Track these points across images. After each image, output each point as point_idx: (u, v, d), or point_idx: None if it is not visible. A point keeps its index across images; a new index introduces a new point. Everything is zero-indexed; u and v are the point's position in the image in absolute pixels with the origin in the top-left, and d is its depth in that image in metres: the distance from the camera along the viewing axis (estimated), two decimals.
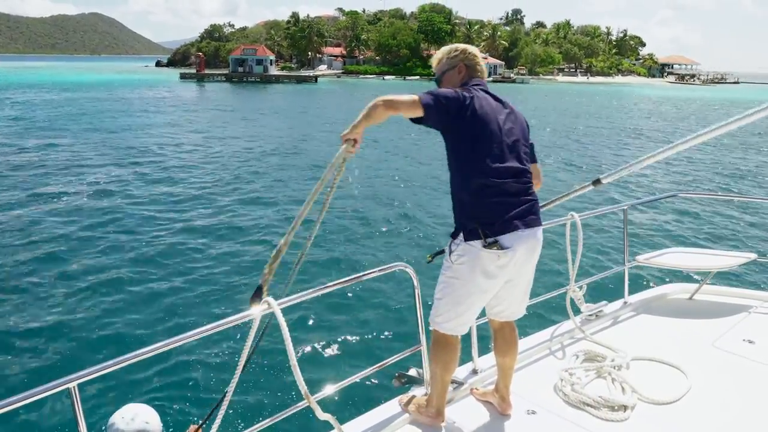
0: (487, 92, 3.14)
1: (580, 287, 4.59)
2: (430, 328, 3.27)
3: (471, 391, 3.72)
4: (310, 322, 8.50)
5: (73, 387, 2.18)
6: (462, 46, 3.35)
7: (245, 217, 14.73)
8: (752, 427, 3.43)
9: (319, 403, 2.85)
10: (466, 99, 2.99)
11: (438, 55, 3.37)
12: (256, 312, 2.74)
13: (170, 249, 12.03)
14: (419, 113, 2.92)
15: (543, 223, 3.67)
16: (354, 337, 8.23)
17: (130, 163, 21.95)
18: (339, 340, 8.13)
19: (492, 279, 3.03)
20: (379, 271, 3.38)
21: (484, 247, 2.93)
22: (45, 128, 31.56)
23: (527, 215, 3.01)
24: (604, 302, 5.00)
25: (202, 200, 16.51)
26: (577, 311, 4.63)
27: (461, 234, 3.01)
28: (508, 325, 3.44)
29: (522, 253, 3.01)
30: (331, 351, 7.81)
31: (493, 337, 3.51)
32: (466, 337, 3.87)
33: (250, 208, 15.69)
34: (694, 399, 3.65)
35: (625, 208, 5.23)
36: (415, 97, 2.93)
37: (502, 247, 2.93)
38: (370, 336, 8.31)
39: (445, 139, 3.09)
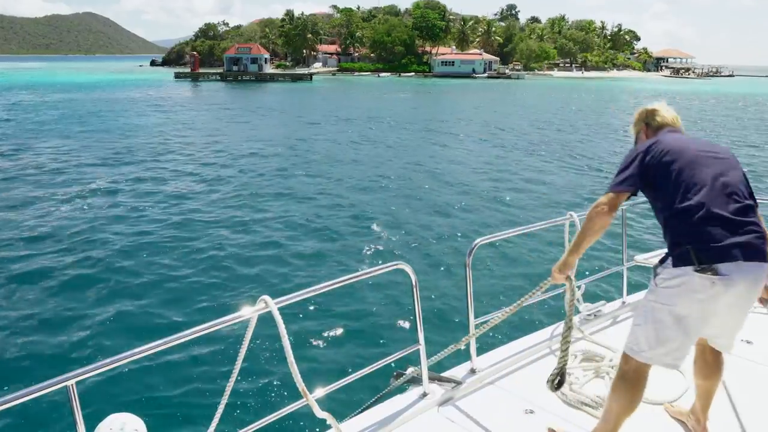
0: (677, 131, 3.15)
1: (579, 287, 4.57)
2: (633, 356, 2.94)
3: (664, 406, 3.58)
4: (309, 321, 8.49)
5: (71, 385, 2.18)
6: (640, 109, 3.38)
7: (242, 216, 14.71)
8: (750, 426, 3.43)
9: (317, 401, 2.86)
10: (644, 153, 2.99)
11: (631, 126, 3.45)
12: (252, 312, 2.74)
13: (168, 248, 12.02)
14: (623, 197, 3.01)
15: (541, 222, 3.61)
16: (352, 336, 8.22)
17: (124, 164, 21.92)
18: (337, 339, 8.13)
19: (702, 305, 2.74)
20: (378, 270, 3.37)
21: (696, 271, 2.68)
22: (38, 129, 31.46)
23: (751, 246, 2.71)
24: (603, 302, 4.99)
25: (198, 199, 16.48)
26: (575, 311, 4.63)
27: (670, 258, 2.81)
28: (711, 349, 3.14)
29: (742, 287, 2.72)
30: (330, 350, 7.80)
31: (695, 355, 3.22)
32: (466, 337, 3.86)
33: (247, 207, 15.66)
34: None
35: (624, 208, 5.22)
36: (611, 194, 3.00)
37: (717, 273, 2.66)
38: (368, 335, 8.30)
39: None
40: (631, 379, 2.95)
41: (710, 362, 3.14)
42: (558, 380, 3.27)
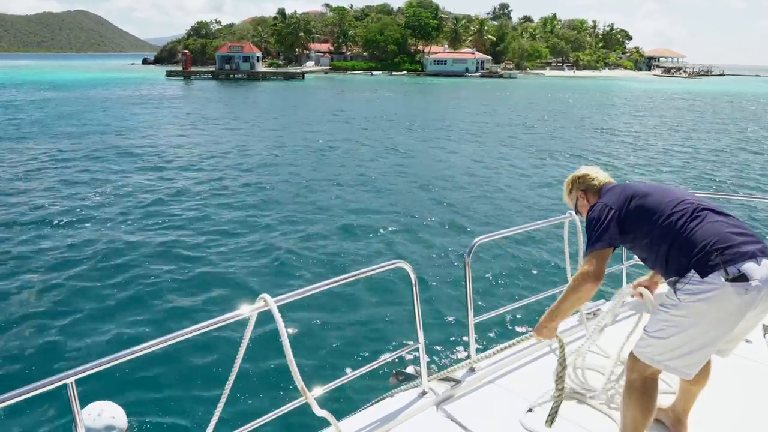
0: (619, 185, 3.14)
1: None
2: (650, 364, 2.86)
3: None
4: (308, 319, 8.48)
5: (71, 383, 2.18)
6: (569, 178, 3.41)
7: (240, 214, 14.67)
8: (750, 425, 3.44)
9: (317, 399, 2.85)
10: (614, 210, 2.94)
11: (564, 197, 3.48)
12: (252, 310, 2.73)
13: (166, 247, 11.98)
14: (607, 255, 2.90)
15: (540, 220, 3.58)
16: (352, 335, 8.21)
17: (116, 163, 21.83)
18: (337, 337, 8.11)
19: (732, 316, 2.64)
20: (378, 268, 3.35)
21: (727, 281, 2.58)
22: (30, 129, 31.28)
23: (760, 243, 2.67)
24: (602, 301, 4.99)
25: (195, 198, 16.42)
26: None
27: (693, 271, 2.69)
28: None
29: (765, 291, 2.61)
30: (329, 348, 7.79)
31: None
32: (465, 335, 3.85)
33: (245, 206, 15.62)
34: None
35: None
36: (594, 253, 2.89)
37: (747, 279, 2.57)
38: (367, 333, 8.29)
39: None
40: (639, 387, 2.93)
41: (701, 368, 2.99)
42: (554, 417, 3.25)
